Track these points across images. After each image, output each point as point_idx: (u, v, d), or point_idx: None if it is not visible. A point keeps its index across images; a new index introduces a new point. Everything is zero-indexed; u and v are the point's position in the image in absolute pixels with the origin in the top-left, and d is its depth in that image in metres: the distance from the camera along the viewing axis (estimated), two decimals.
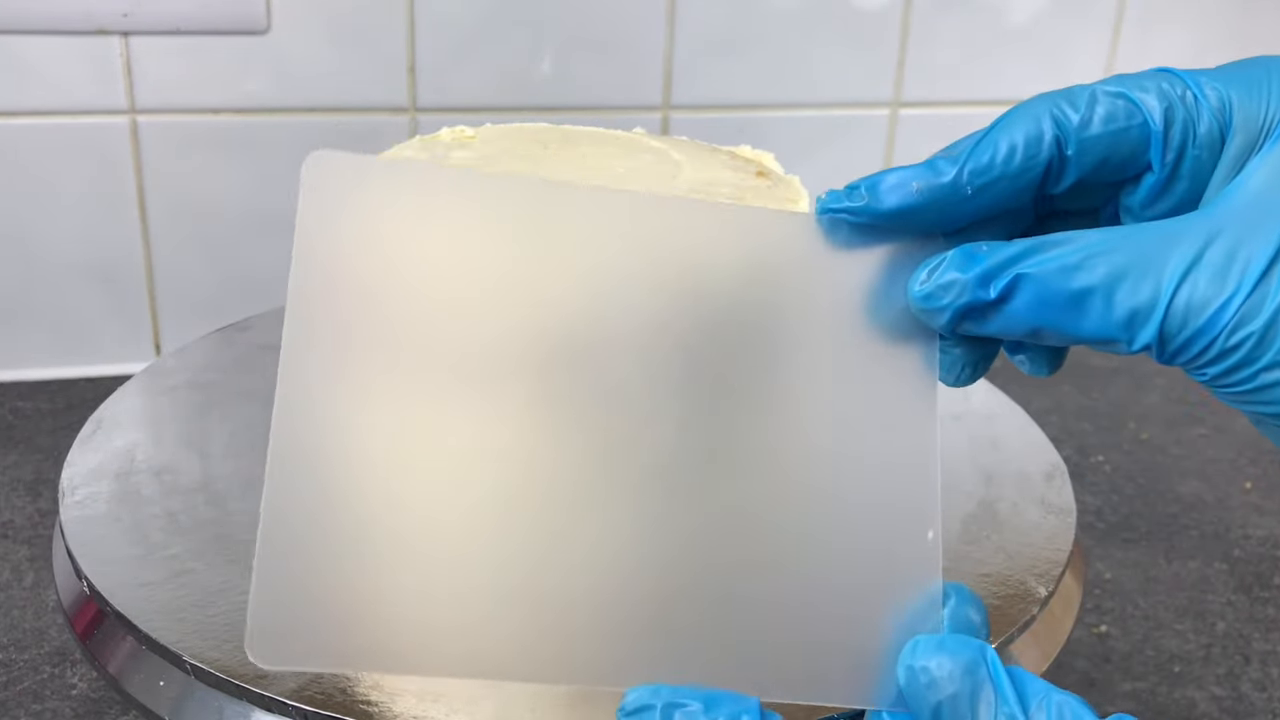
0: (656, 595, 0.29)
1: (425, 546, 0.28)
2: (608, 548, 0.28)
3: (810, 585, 0.29)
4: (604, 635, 0.28)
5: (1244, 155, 0.29)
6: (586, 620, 0.28)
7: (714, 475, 0.29)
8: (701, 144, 0.50)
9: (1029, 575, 0.42)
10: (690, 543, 0.29)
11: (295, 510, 0.27)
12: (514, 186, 0.30)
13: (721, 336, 0.30)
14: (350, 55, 0.74)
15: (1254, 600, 0.61)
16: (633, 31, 0.78)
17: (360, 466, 0.28)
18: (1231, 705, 0.54)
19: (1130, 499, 0.70)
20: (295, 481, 0.27)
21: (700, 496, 0.29)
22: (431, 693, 0.35)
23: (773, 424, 0.30)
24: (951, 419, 0.52)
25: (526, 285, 0.29)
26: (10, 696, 0.51)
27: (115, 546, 0.41)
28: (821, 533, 0.30)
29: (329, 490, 0.27)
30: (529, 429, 0.29)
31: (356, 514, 0.28)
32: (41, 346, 0.77)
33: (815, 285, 0.30)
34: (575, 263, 0.29)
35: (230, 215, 0.76)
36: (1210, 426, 0.79)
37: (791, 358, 0.30)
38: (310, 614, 0.27)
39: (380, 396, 0.28)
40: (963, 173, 0.29)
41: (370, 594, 0.28)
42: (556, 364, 0.29)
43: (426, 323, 0.28)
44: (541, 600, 0.28)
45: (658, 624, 0.29)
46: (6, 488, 0.65)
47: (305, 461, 0.27)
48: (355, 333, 0.28)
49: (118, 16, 0.70)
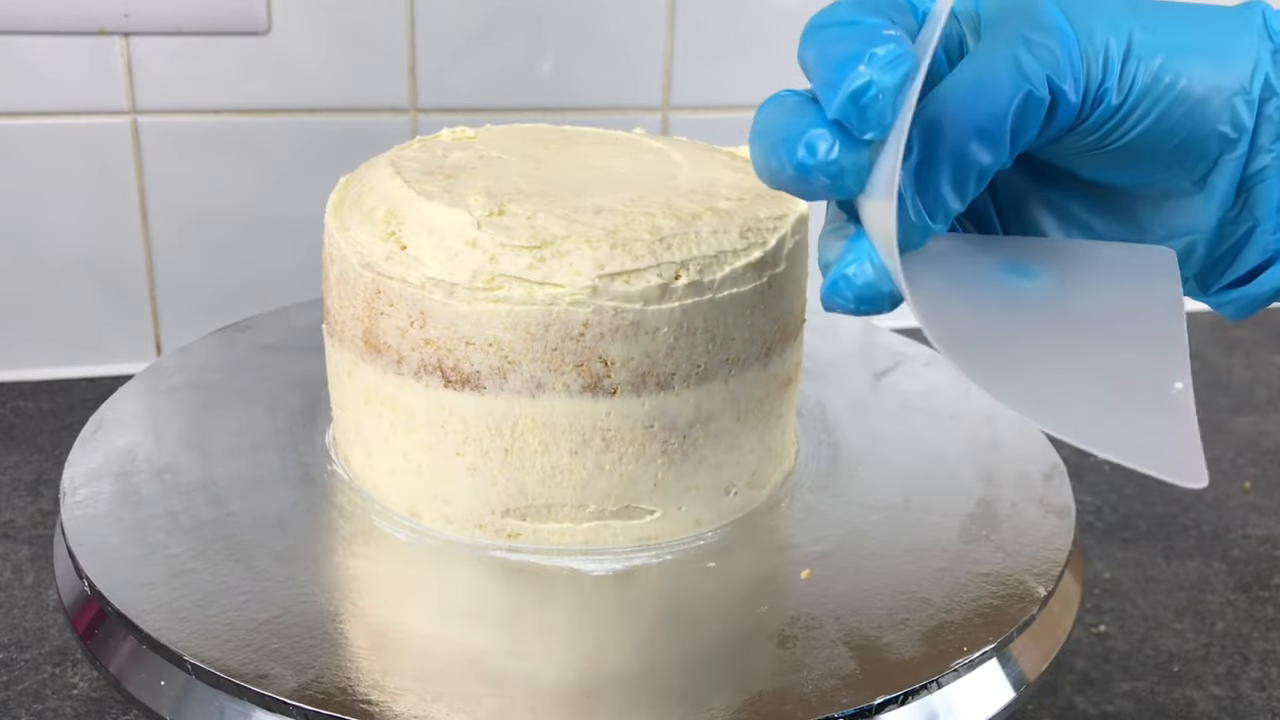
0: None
1: None
2: None
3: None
4: None
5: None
6: None
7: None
8: (701, 144, 0.50)
9: (1028, 575, 0.42)
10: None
11: None
12: None
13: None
14: (350, 55, 0.74)
15: (1253, 600, 0.61)
16: (633, 32, 0.78)
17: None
18: (1231, 705, 0.54)
19: (1129, 499, 0.70)
20: None
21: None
22: (431, 692, 0.35)
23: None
24: (951, 419, 0.52)
25: None
26: (11, 696, 0.51)
27: (116, 546, 0.41)
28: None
29: None
30: None
31: None
32: (42, 346, 0.77)
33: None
34: None
35: (230, 215, 0.77)
36: (1210, 426, 0.79)
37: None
38: None
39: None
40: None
41: None
42: None
43: None
44: None
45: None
46: (7, 488, 0.65)
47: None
48: None
49: (118, 16, 0.70)
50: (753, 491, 0.45)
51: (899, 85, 0.29)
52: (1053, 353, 0.32)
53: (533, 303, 0.39)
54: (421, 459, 0.42)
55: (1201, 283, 0.36)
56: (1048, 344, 0.32)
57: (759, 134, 0.31)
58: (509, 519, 0.42)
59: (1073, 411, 0.30)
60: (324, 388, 0.49)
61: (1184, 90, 0.31)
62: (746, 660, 0.38)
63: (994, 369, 0.30)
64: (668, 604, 0.41)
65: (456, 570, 0.42)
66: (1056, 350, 0.32)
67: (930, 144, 0.30)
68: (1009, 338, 0.32)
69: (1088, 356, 0.32)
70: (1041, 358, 0.32)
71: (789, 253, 0.43)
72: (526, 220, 0.40)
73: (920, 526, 0.44)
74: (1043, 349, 0.32)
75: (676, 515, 0.43)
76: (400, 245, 0.41)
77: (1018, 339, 0.32)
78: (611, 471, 0.41)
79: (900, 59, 0.29)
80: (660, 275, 0.39)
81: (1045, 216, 0.36)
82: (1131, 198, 0.35)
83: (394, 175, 0.43)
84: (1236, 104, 0.32)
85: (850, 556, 0.42)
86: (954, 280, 0.33)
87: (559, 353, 0.39)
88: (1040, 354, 0.32)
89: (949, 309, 0.32)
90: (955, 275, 0.34)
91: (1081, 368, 0.31)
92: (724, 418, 0.42)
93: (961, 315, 0.32)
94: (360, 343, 0.42)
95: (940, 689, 0.37)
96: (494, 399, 0.40)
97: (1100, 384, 0.31)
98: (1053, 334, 0.33)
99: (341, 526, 0.43)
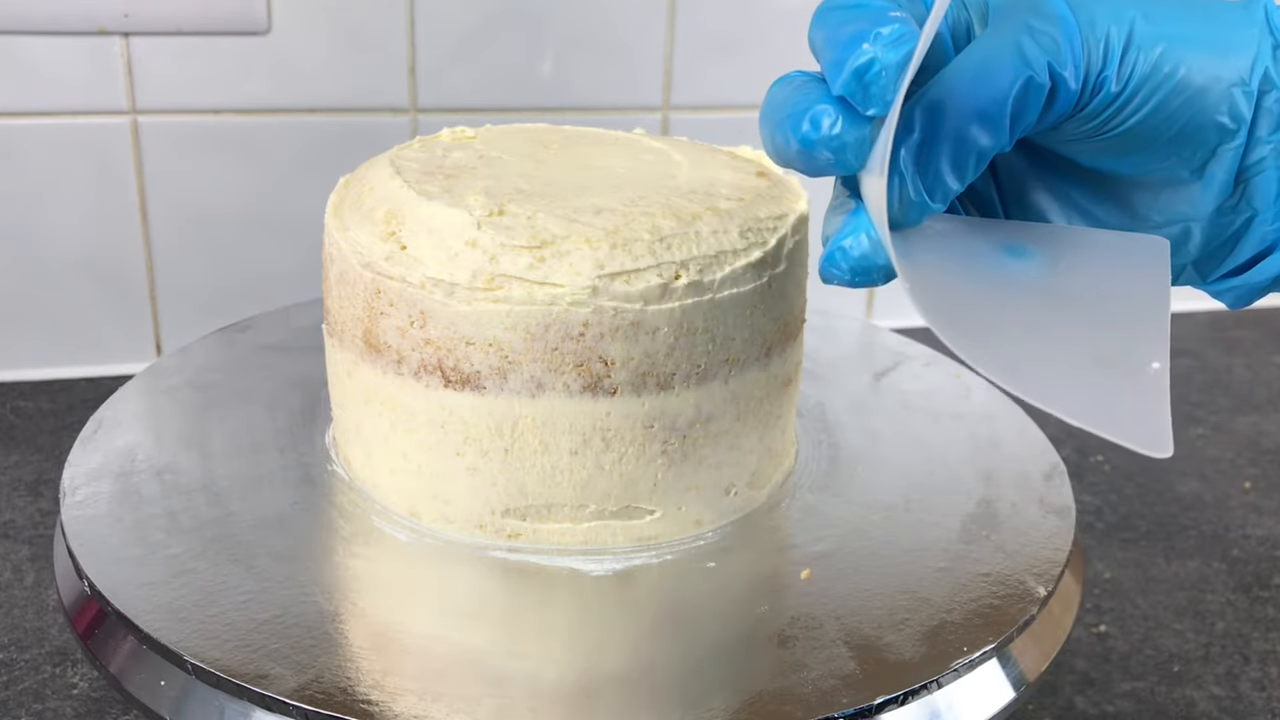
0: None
1: None
2: None
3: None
4: None
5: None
6: None
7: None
8: (701, 144, 0.50)
9: (1028, 575, 0.42)
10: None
11: None
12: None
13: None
14: (350, 55, 0.74)
15: (1253, 600, 0.61)
16: (633, 32, 0.78)
17: None
18: (1231, 705, 0.54)
19: (1130, 499, 0.70)
20: None
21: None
22: (431, 692, 0.35)
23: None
24: (951, 418, 0.52)
25: None
26: (11, 696, 0.51)
27: (116, 546, 0.41)
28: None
29: None
30: None
31: None
32: (42, 346, 0.77)
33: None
34: None
35: (230, 215, 0.76)
36: (1210, 426, 0.79)
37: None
38: None
39: None
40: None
41: None
42: None
43: None
44: None
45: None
46: (7, 488, 0.65)
47: None
48: None
49: (118, 17, 0.70)
50: (753, 491, 0.45)
51: (902, 63, 0.29)
52: (1036, 326, 0.33)
53: (533, 303, 0.39)
54: (421, 459, 0.42)
55: (1200, 270, 0.37)
56: (1032, 318, 0.33)
57: (767, 111, 0.32)
58: (509, 519, 0.42)
59: (1047, 380, 0.30)
60: (324, 388, 0.49)
61: (1183, 80, 0.32)
62: (746, 660, 0.38)
63: (974, 336, 0.31)
64: (668, 604, 0.41)
65: (456, 570, 0.42)
66: (1040, 324, 0.33)
67: (932, 125, 0.31)
68: (994, 310, 0.33)
69: (1070, 333, 0.33)
70: (1024, 330, 0.32)
71: (789, 253, 0.43)
72: (526, 220, 0.40)
73: (920, 526, 0.44)
74: (1026, 322, 0.33)
75: (676, 515, 0.43)
76: (400, 245, 0.41)
77: (1003, 312, 0.33)
78: (611, 471, 0.41)
79: (904, 38, 0.29)
80: (660, 275, 0.39)
81: (1046, 201, 0.37)
82: (1130, 185, 0.35)
83: (394, 175, 0.43)
84: (1235, 95, 0.32)
85: (850, 556, 0.42)
86: (949, 257, 0.34)
87: (559, 353, 0.39)
88: (1023, 326, 0.33)
89: (939, 281, 0.33)
90: (951, 252, 0.35)
91: (1062, 342, 0.32)
92: (724, 418, 0.42)
93: (950, 287, 0.33)
94: (360, 343, 0.42)
95: (940, 689, 0.37)
96: (494, 399, 0.40)
97: (1078, 357, 0.32)
98: (1039, 310, 0.33)
99: (341, 526, 0.43)
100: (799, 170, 0.32)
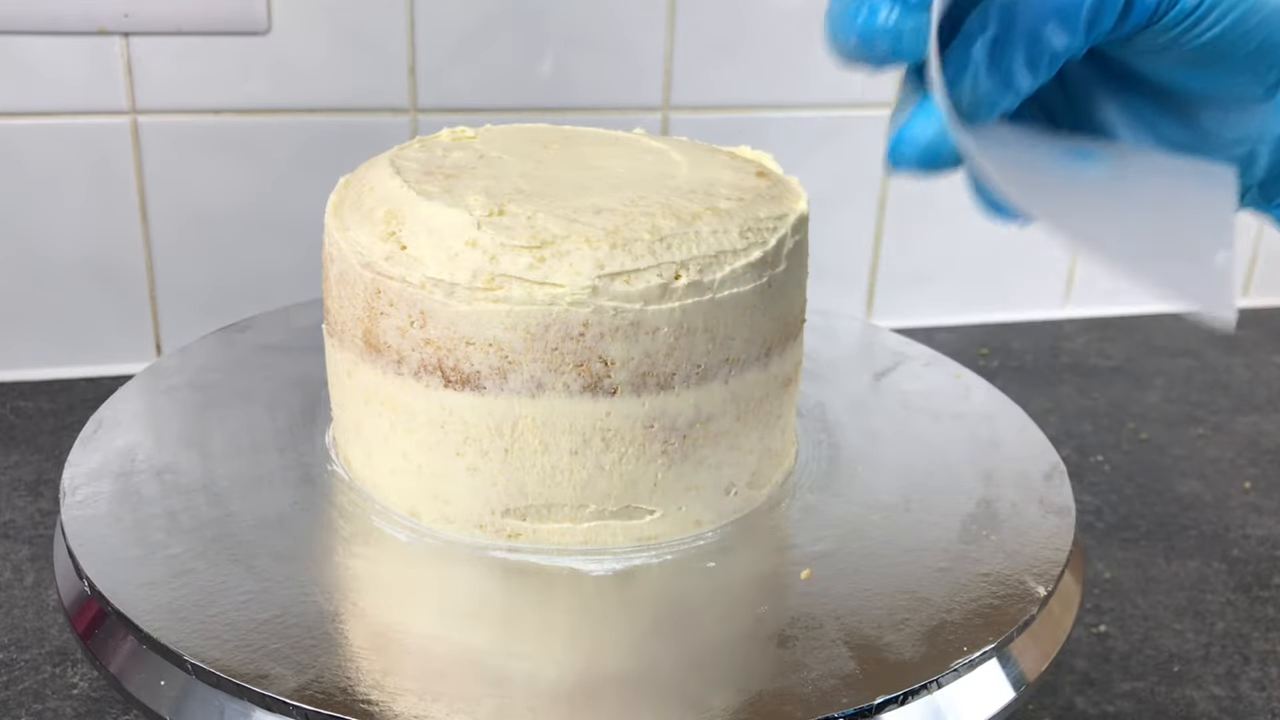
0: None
1: None
2: None
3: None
4: None
5: None
6: None
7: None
8: (701, 144, 0.50)
9: (1028, 575, 0.42)
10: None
11: None
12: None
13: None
14: (350, 55, 0.74)
15: (1253, 600, 0.61)
16: (633, 32, 0.78)
17: None
18: (1231, 705, 0.54)
19: (1130, 499, 0.70)
20: None
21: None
22: (431, 692, 0.35)
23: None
24: (951, 418, 0.52)
25: None
26: (11, 696, 0.51)
27: (116, 546, 0.41)
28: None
29: None
30: None
31: None
32: (42, 346, 0.77)
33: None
34: None
35: (230, 215, 0.77)
36: (1210, 426, 0.79)
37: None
38: None
39: None
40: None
41: None
42: None
43: None
44: None
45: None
46: (7, 488, 0.65)
47: None
48: None
49: (118, 17, 0.70)
50: (753, 491, 0.45)
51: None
52: (1104, 210, 0.34)
53: (533, 303, 0.39)
54: (421, 459, 0.42)
55: (1265, 192, 0.37)
56: (1101, 206, 0.34)
57: (830, 8, 0.33)
58: (509, 519, 0.42)
59: (1117, 246, 0.32)
60: (324, 388, 0.49)
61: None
62: (746, 660, 0.38)
63: (1045, 205, 0.32)
64: (668, 604, 0.41)
65: (456, 570, 0.42)
66: (1108, 210, 0.34)
67: (1007, 21, 0.31)
68: (1064, 195, 0.34)
69: (1138, 223, 0.34)
70: (1094, 209, 0.33)
71: (789, 253, 0.43)
72: (526, 220, 0.40)
73: (920, 526, 0.44)
74: (1096, 206, 0.34)
75: (676, 515, 0.43)
76: (400, 245, 0.41)
77: (1073, 198, 0.34)
78: (611, 471, 0.41)
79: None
80: (660, 275, 0.39)
81: (1114, 114, 0.37)
82: (1200, 102, 0.35)
83: (394, 175, 0.43)
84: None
85: (850, 556, 0.42)
86: (1018, 153, 0.35)
87: (559, 353, 0.39)
88: (1093, 207, 0.34)
89: (1009, 169, 0.33)
90: (1019, 150, 0.35)
91: (1132, 226, 0.33)
92: (724, 418, 0.42)
93: (1020, 175, 0.34)
94: (360, 343, 0.42)
95: (940, 689, 0.37)
96: (494, 399, 0.40)
97: (1148, 236, 0.33)
98: (1107, 201, 0.34)
99: (341, 526, 0.43)
100: (863, 64, 0.32)
